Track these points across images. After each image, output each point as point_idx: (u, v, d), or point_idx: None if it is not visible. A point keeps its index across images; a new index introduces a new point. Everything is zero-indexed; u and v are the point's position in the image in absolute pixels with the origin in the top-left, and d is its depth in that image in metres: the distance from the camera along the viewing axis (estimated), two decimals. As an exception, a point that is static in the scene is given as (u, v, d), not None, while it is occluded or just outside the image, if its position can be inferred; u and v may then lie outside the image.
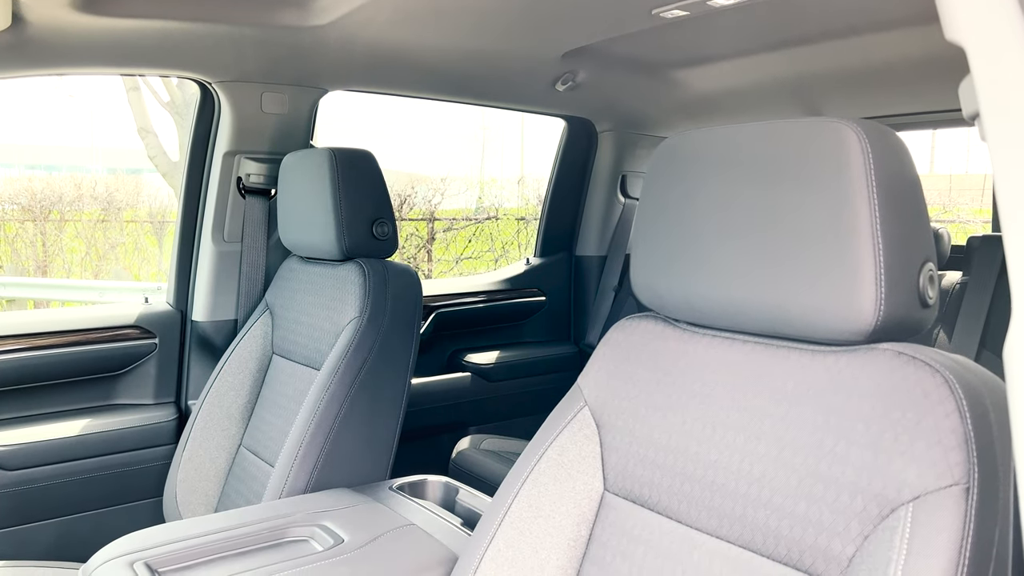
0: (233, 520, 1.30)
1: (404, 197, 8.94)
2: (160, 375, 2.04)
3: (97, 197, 9.46)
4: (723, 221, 0.90)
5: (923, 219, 0.84)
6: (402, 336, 1.63)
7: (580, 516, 1.02)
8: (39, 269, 8.95)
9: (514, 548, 1.01)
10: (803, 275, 0.82)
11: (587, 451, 1.04)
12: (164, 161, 10.09)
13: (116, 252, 9.43)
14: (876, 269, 0.78)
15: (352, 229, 1.68)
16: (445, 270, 9.24)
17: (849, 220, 0.79)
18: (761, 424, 0.87)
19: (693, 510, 0.91)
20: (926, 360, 0.78)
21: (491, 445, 2.38)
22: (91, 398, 1.98)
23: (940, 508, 0.71)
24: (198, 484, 1.81)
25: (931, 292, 0.83)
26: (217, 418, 1.84)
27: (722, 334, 0.96)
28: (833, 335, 0.82)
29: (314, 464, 1.51)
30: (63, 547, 1.86)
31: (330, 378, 1.55)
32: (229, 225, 2.06)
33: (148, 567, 1.14)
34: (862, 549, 0.75)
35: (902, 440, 0.75)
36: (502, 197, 10.17)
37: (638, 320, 1.07)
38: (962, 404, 0.74)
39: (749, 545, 0.85)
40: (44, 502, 1.83)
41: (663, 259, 0.97)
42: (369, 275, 1.64)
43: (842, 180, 0.80)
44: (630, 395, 1.02)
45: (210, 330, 2.05)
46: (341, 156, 1.70)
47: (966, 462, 0.72)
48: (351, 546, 1.22)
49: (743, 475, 0.86)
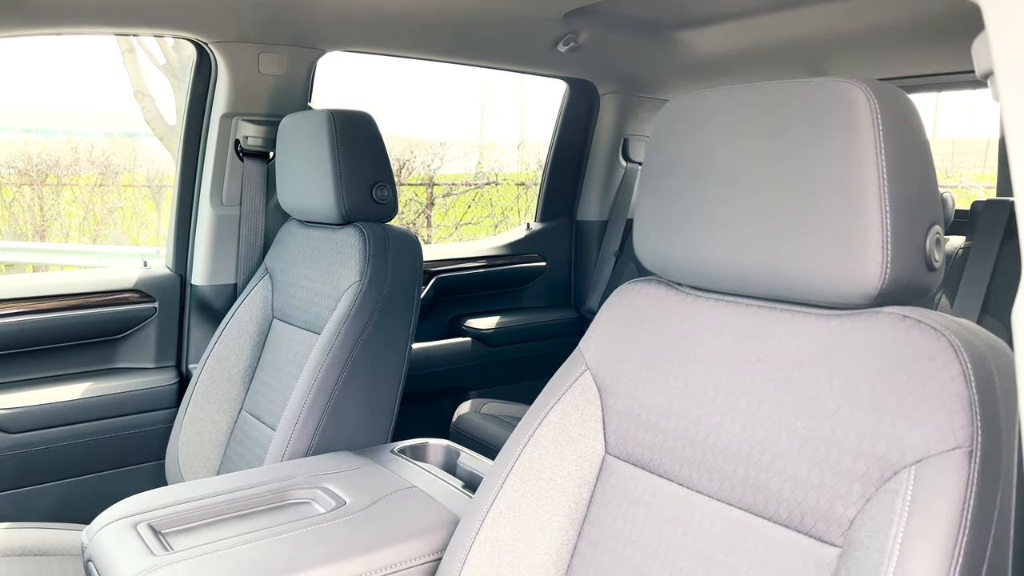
0: (235, 482, 1.31)
1: (403, 162, 8.88)
2: (160, 339, 2.03)
3: (94, 161, 9.40)
4: (728, 183, 0.89)
5: (931, 181, 0.83)
6: (402, 300, 1.63)
7: (581, 479, 1.02)
8: (37, 234, 8.92)
9: (515, 510, 1.02)
10: (808, 237, 0.82)
11: (588, 415, 1.04)
12: (161, 125, 10.00)
13: (114, 217, 9.39)
14: (883, 231, 0.77)
15: (351, 192, 1.66)
16: (445, 236, 9.22)
17: (856, 181, 0.78)
18: (764, 387, 0.86)
19: (694, 473, 0.91)
20: (931, 323, 0.78)
21: (492, 409, 2.39)
22: (92, 362, 1.98)
23: (943, 471, 0.71)
24: (200, 447, 1.82)
25: (937, 255, 0.83)
26: (218, 382, 1.84)
27: (725, 298, 0.96)
28: (838, 298, 0.82)
29: (315, 427, 1.52)
30: (67, 509, 1.88)
31: (331, 342, 1.54)
32: (227, 188, 2.04)
33: (151, 528, 1.15)
34: (863, 511, 0.75)
35: (906, 403, 0.75)
36: (502, 162, 10.11)
37: (640, 284, 1.07)
38: (967, 368, 0.73)
39: (750, 508, 0.85)
40: (47, 465, 1.84)
41: (666, 222, 0.96)
42: (369, 239, 1.63)
43: (850, 140, 0.78)
44: (632, 359, 1.01)
45: (209, 294, 2.04)
46: (340, 118, 1.67)
47: (970, 425, 0.71)
48: (353, 508, 1.22)
49: (745, 438, 0.86)
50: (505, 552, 1.00)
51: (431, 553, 1.13)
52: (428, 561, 1.12)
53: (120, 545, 1.09)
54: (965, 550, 0.68)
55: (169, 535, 1.15)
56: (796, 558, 0.79)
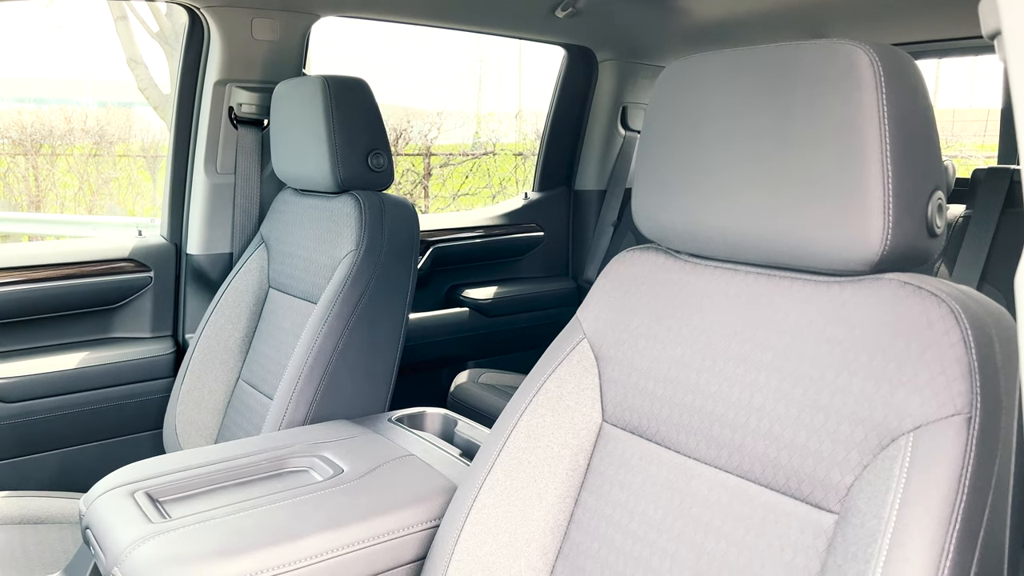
0: (233, 451, 1.31)
1: (399, 132, 8.81)
2: (156, 308, 2.03)
3: (88, 131, 9.32)
4: (728, 148, 0.87)
5: (934, 145, 0.81)
6: (399, 269, 1.62)
7: (578, 446, 1.02)
8: (32, 204, 8.87)
9: (512, 477, 1.02)
10: (809, 202, 0.81)
11: (586, 383, 1.04)
12: (155, 94, 9.91)
13: (109, 187, 9.34)
14: (884, 196, 0.76)
15: (347, 160, 1.65)
16: (442, 207, 9.18)
17: (858, 145, 0.77)
18: (762, 355, 0.86)
19: (692, 440, 0.91)
20: (932, 290, 0.77)
21: (489, 379, 2.39)
22: (88, 331, 1.97)
23: (941, 437, 0.70)
24: (197, 417, 1.82)
25: (939, 221, 0.82)
26: (215, 351, 1.84)
27: (724, 265, 0.95)
28: (838, 265, 0.81)
29: (312, 396, 1.52)
30: (65, 478, 1.88)
31: (327, 312, 1.54)
32: (222, 156, 2.02)
33: (148, 496, 1.15)
34: (861, 478, 0.75)
35: (905, 370, 0.74)
36: (499, 132, 10.03)
37: (639, 252, 1.06)
38: (967, 334, 0.73)
39: (747, 475, 0.85)
40: (45, 434, 1.85)
41: (665, 189, 0.95)
42: (365, 208, 1.61)
43: (852, 103, 0.77)
44: (630, 327, 1.01)
45: (205, 263, 2.03)
46: (334, 84, 1.65)
47: (969, 392, 0.71)
48: (351, 476, 1.23)
49: (743, 406, 0.86)
50: (502, 519, 1.01)
51: (429, 520, 1.14)
52: (426, 528, 1.13)
53: (118, 513, 1.09)
54: (962, 516, 0.68)
55: (166, 503, 1.15)
56: (793, 525, 0.80)
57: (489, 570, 1.00)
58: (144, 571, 0.96)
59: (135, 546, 1.00)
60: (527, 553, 1.00)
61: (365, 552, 1.07)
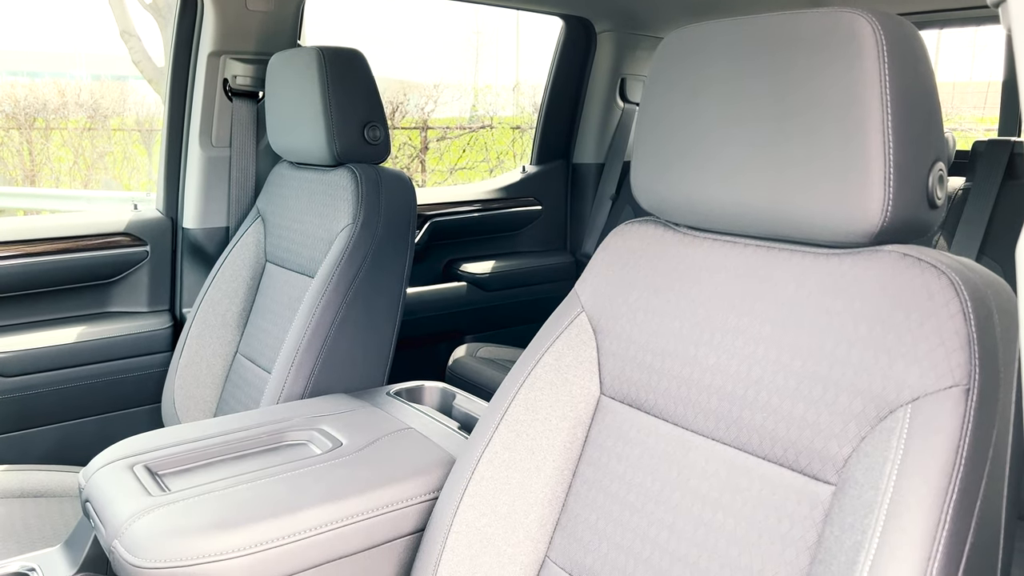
0: (231, 424, 1.31)
1: (396, 105, 8.75)
2: (153, 283, 2.02)
3: (82, 104, 9.24)
4: (728, 119, 0.87)
5: (935, 116, 0.81)
6: (396, 243, 1.61)
7: (576, 419, 1.02)
8: (27, 178, 8.82)
9: (511, 450, 1.02)
10: (809, 173, 0.80)
11: (584, 356, 1.03)
12: (149, 67, 9.81)
13: (104, 161, 9.28)
14: (885, 167, 0.76)
15: (343, 133, 1.63)
16: (440, 181, 9.14)
17: (859, 114, 0.76)
18: (761, 328, 0.86)
19: (690, 413, 0.91)
20: (931, 262, 0.77)
21: (487, 353, 2.39)
22: (85, 306, 1.97)
23: (939, 409, 0.70)
24: (195, 391, 1.82)
25: (939, 193, 0.81)
26: (212, 326, 1.84)
27: (723, 238, 0.94)
28: (838, 236, 0.81)
29: (311, 370, 1.52)
30: (64, 452, 1.89)
31: (324, 286, 1.53)
32: (217, 129, 2.00)
33: (148, 469, 1.15)
34: (858, 450, 0.75)
35: (904, 341, 0.74)
36: (497, 105, 9.97)
37: (637, 225, 1.05)
38: (967, 306, 0.73)
39: (745, 447, 0.85)
40: (44, 408, 1.85)
41: (665, 160, 0.94)
42: (361, 181, 1.60)
43: (853, 72, 0.76)
44: (628, 300, 1.01)
45: (201, 237, 2.02)
46: (330, 55, 1.63)
47: (968, 363, 0.71)
48: (349, 449, 1.23)
49: (741, 378, 0.86)
50: (501, 490, 1.01)
51: (428, 492, 1.14)
52: (425, 500, 1.13)
53: (117, 486, 1.09)
54: (959, 487, 0.68)
55: (165, 476, 1.15)
56: (790, 496, 0.80)
57: (488, 541, 1.00)
58: (144, 543, 0.97)
59: (135, 518, 1.01)
60: (525, 524, 1.01)
61: (364, 524, 1.08)
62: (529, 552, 1.01)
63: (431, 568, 1.01)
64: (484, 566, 1.00)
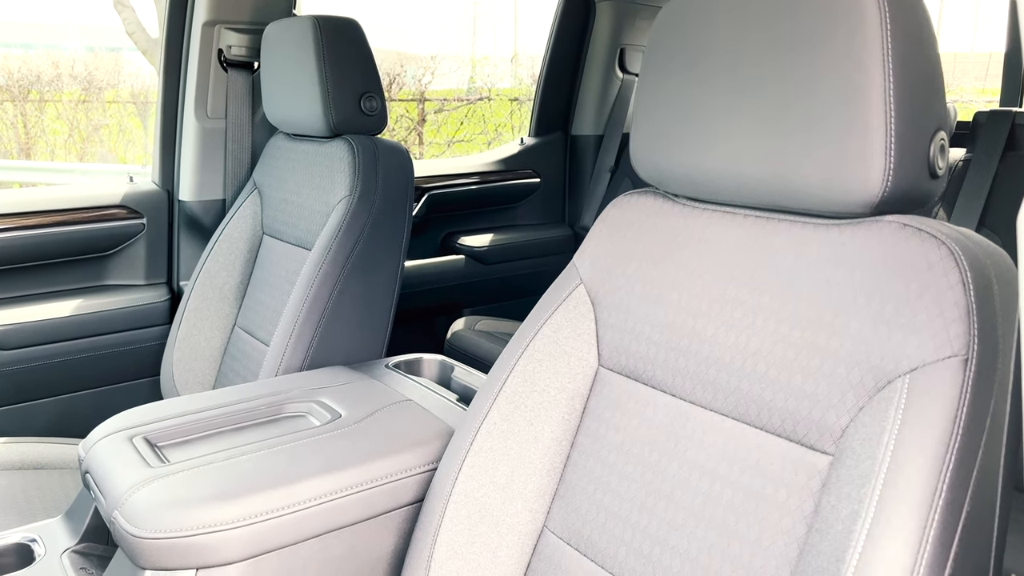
0: (230, 396, 1.32)
1: (393, 76, 8.67)
2: (150, 256, 2.01)
3: (76, 76, 9.15)
4: (728, 88, 0.86)
5: (938, 84, 0.80)
6: (394, 215, 1.60)
7: (574, 391, 1.03)
8: (22, 151, 8.76)
9: (509, 421, 1.02)
10: (810, 143, 0.79)
11: (582, 328, 1.03)
12: (143, 37, 9.70)
13: (100, 134, 9.21)
14: (886, 136, 0.75)
15: (339, 103, 1.62)
16: (437, 154, 9.09)
17: (861, 82, 0.75)
18: (759, 299, 0.86)
19: (688, 384, 0.91)
20: (932, 232, 0.76)
21: (485, 326, 2.40)
22: (82, 279, 1.96)
23: (937, 379, 0.70)
24: (194, 364, 1.82)
25: (940, 162, 0.81)
26: (210, 299, 1.83)
27: (723, 208, 0.94)
28: (838, 207, 0.80)
29: (309, 343, 1.52)
30: (64, 424, 1.90)
31: (322, 258, 1.53)
32: (212, 101, 1.98)
33: (147, 441, 1.15)
34: (856, 420, 0.75)
35: (903, 312, 0.74)
36: (495, 76, 9.89)
37: (636, 196, 1.05)
38: (966, 276, 0.72)
39: (743, 417, 0.85)
40: (43, 381, 1.85)
41: (664, 131, 0.93)
42: (358, 152, 1.59)
43: (856, 39, 0.75)
44: (626, 272, 1.00)
45: (198, 210, 2.01)
46: (325, 24, 1.61)
47: (966, 334, 0.71)
48: (348, 420, 1.23)
49: (739, 349, 0.86)
50: (499, 461, 1.02)
51: (426, 463, 1.15)
52: (423, 471, 1.14)
53: (117, 457, 1.10)
54: (956, 457, 0.69)
55: (165, 448, 1.16)
56: (788, 466, 0.80)
57: (486, 511, 1.01)
58: (144, 514, 0.97)
59: (135, 490, 1.01)
60: (524, 494, 1.01)
61: (363, 495, 1.08)
62: (527, 522, 1.02)
63: (430, 538, 1.02)
64: (482, 536, 1.01)
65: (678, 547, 0.87)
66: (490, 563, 1.01)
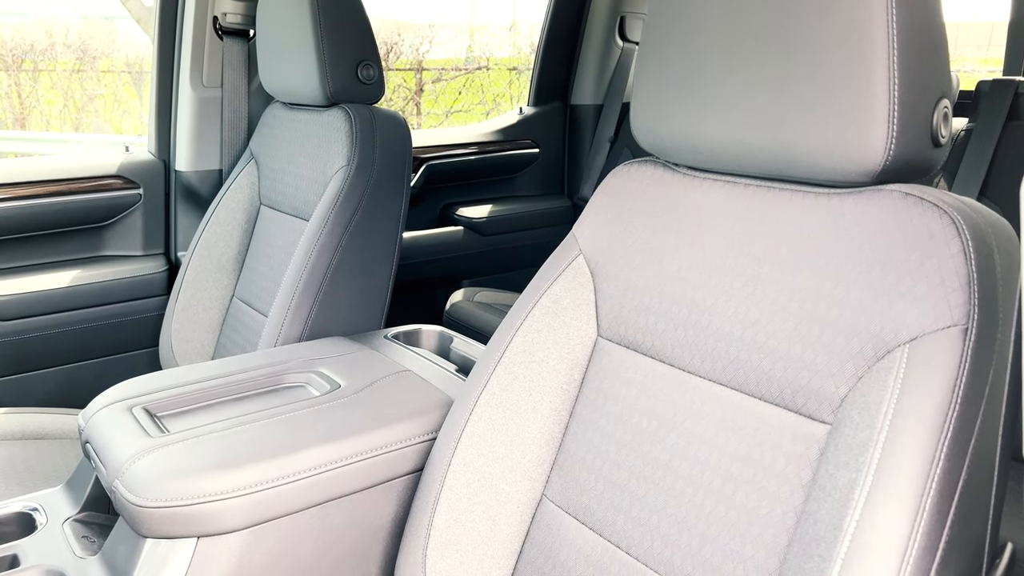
0: (230, 367, 1.32)
1: (390, 45, 8.58)
2: (147, 226, 2.01)
3: (70, 45, 9.04)
4: (730, 55, 0.84)
5: (942, 51, 0.79)
6: (392, 185, 1.59)
7: (573, 361, 1.03)
8: (17, 122, 8.69)
9: (508, 391, 1.02)
10: (812, 110, 0.78)
11: (581, 299, 1.03)
12: (136, 6, 9.56)
13: (95, 104, 9.13)
14: (889, 103, 0.74)
15: (336, 72, 1.60)
16: (435, 124, 9.02)
17: (864, 49, 0.74)
18: (759, 269, 0.85)
19: (687, 354, 0.91)
20: (933, 201, 0.76)
21: (484, 298, 2.39)
22: (79, 250, 1.96)
23: (936, 349, 0.70)
24: (193, 334, 1.82)
25: (943, 130, 0.80)
26: (208, 269, 1.83)
27: (723, 178, 0.93)
28: (839, 175, 0.79)
29: (308, 314, 1.51)
30: (63, 395, 1.90)
31: (320, 228, 1.52)
32: (207, 69, 1.96)
33: (146, 411, 1.15)
34: (855, 390, 0.75)
35: (904, 282, 0.74)
36: (493, 45, 9.78)
37: (637, 165, 1.04)
38: (968, 245, 0.72)
39: (741, 387, 0.85)
40: (42, 351, 1.85)
41: (665, 99, 0.92)
42: (355, 121, 1.58)
43: (860, 5, 0.74)
44: (626, 243, 1.00)
45: (195, 180, 2.00)
46: (322, -9, 1.59)
47: (967, 303, 0.71)
48: (348, 391, 1.23)
49: (739, 319, 0.86)
50: (498, 431, 1.02)
51: (426, 433, 1.15)
52: (423, 441, 1.14)
53: (116, 427, 1.10)
54: (954, 426, 0.69)
55: (164, 418, 1.16)
56: (786, 435, 0.80)
57: (485, 480, 1.01)
58: (145, 483, 0.98)
59: (135, 459, 1.01)
60: (523, 464, 1.02)
61: (363, 464, 1.09)
62: (526, 491, 1.02)
63: (430, 506, 1.02)
64: (482, 504, 1.01)
65: (676, 515, 0.87)
66: (489, 531, 1.01)
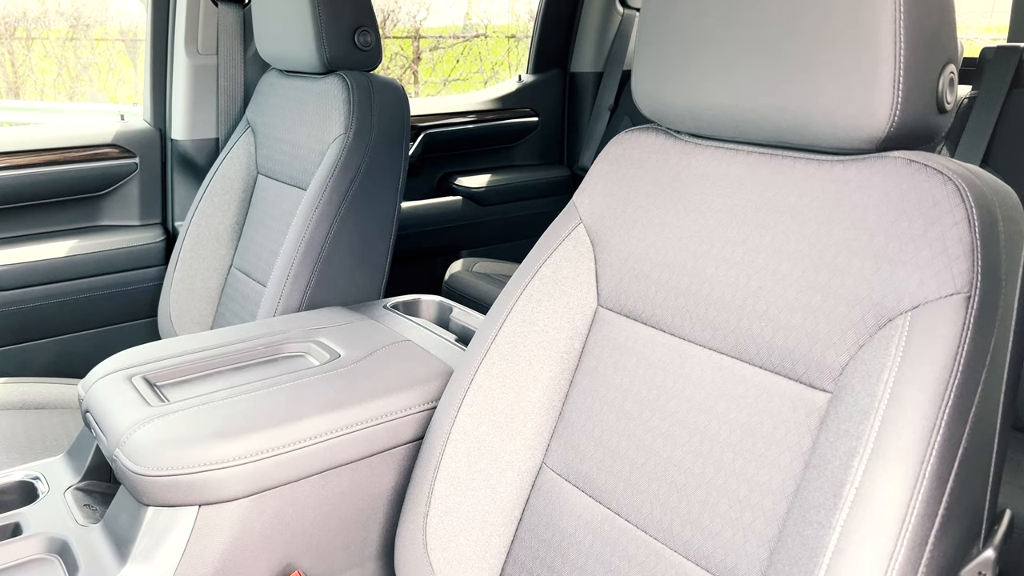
0: (229, 336, 1.31)
1: (387, 13, 8.47)
2: (144, 196, 1.99)
3: (63, 13, 8.92)
4: (732, 20, 0.83)
5: (949, 14, 0.77)
6: (390, 153, 1.58)
7: (573, 330, 1.02)
8: (11, 91, 8.61)
9: (508, 361, 1.02)
10: (815, 76, 0.77)
11: (581, 268, 1.03)
12: (130, -28, 9.42)
13: (89, 73, 9.03)
14: (895, 68, 0.73)
15: (332, 38, 1.58)
16: (433, 93, 8.94)
17: (870, 13, 0.73)
18: (761, 237, 0.85)
19: (687, 323, 0.91)
20: (938, 168, 0.75)
21: (483, 268, 2.39)
22: (76, 219, 1.94)
23: (938, 317, 0.70)
24: (191, 304, 1.82)
25: (949, 96, 0.79)
26: (206, 239, 1.82)
27: (726, 145, 0.92)
28: (843, 142, 0.78)
29: (307, 283, 1.51)
30: (63, 364, 1.90)
31: (318, 198, 1.51)
32: (203, 36, 1.94)
33: (146, 381, 1.15)
34: (856, 358, 0.75)
35: (907, 250, 0.73)
36: (491, 12, 9.66)
37: (638, 133, 1.03)
38: (972, 213, 0.71)
39: (742, 356, 0.85)
40: (41, 321, 1.85)
41: (667, 65, 0.91)
42: (353, 89, 1.56)
43: None
44: (627, 212, 0.99)
45: (191, 149, 1.98)
46: (317, -45, 1.56)
47: (970, 271, 0.70)
48: (347, 360, 1.23)
49: (740, 288, 0.86)
50: (498, 400, 1.02)
51: (426, 402, 1.15)
52: (423, 410, 1.14)
53: (116, 396, 1.10)
54: (955, 394, 0.69)
55: (164, 387, 1.16)
56: (786, 403, 0.80)
57: (485, 448, 1.02)
58: (146, 452, 0.98)
59: (135, 428, 1.02)
60: (523, 432, 1.02)
61: (364, 433, 1.09)
62: (526, 459, 1.03)
63: (431, 474, 1.03)
64: (482, 472, 1.02)
65: (676, 483, 0.87)
66: (489, 499, 1.02)
